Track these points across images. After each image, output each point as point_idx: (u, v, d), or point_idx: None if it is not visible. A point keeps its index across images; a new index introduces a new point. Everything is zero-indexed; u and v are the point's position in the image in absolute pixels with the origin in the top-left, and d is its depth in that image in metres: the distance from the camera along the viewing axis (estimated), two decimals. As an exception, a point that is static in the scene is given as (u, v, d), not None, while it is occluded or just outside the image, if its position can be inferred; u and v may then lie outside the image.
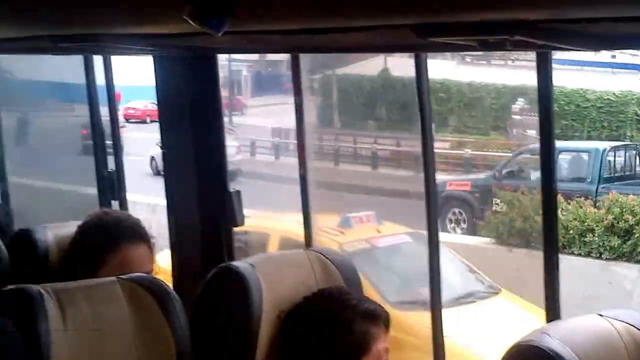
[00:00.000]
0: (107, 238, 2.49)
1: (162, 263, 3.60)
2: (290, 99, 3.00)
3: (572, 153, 12.33)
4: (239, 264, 2.25)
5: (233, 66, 20.21)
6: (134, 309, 2.02)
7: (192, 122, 2.99)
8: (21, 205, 4.03)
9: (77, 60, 3.65)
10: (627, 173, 12.32)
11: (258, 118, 19.73)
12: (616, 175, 12.11)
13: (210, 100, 3.04)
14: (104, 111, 3.61)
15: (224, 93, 3.10)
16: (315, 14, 1.86)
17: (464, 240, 10.94)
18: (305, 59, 3.02)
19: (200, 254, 2.94)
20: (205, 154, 2.97)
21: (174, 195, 3.01)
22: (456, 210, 12.08)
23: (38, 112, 4.75)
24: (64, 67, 4.08)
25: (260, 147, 17.89)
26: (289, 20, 2.02)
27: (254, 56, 19.95)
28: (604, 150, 12.17)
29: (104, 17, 2.32)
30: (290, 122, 3.24)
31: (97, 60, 3.62)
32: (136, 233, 2.53)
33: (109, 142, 3.57)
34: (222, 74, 3.16)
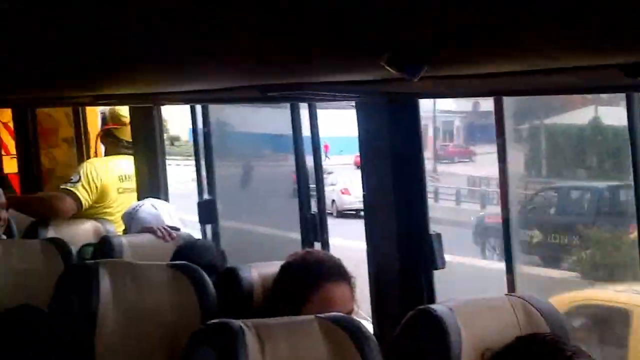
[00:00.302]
0: (309, 277, 2.55)
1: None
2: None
3: (579, 190, 12.55)
4: (438, 307, 2.23)
5: (445, 117, 20.32)
6: (331, 348, 2.05)
7: (393, 166, 3.03)
8: (230, 245, 4.23)
9: (288, 114, 3.81)
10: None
11: (463, 166, 19.63)
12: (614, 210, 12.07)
13: (410, 145, 3.06)
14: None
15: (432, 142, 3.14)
16: (517, 56, 1.84)
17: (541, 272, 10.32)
18: (510, 109, 3.01)
19: (400, 296, 2.95)
20: (406, 197, 2.99)
21: (374, 236, 3.04)
22: (492, 239, 12.56)
23: (251, 161, 4.97)
24: (276, 120, 4.26)
25: (446, 194, 17.82)
26: (489, 63, 2.01)
27: (467, 107, 20.00)
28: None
29: (308, 66, 2.41)
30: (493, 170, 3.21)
31: (304, 109, 3.75)
32: (338, 273, 2.58)
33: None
34: (432, 124, 3.20)
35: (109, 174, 4.78)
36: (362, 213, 3.17)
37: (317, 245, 3.55)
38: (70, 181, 4.72)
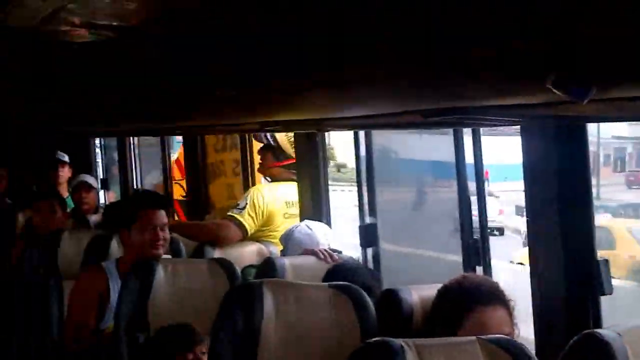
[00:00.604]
0: (465, 301, 2.54)
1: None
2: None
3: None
4: (604, 331, 2.17)
5: (617, 143, 19.84)
6: (492, 369, 2.03)
7: (559, 192, 2.97)
8: (390, 268, 4.25)
9: (450, 140, 3.81)
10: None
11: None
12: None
13: (578, 171, 3.00)
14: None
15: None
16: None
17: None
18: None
19: (565, 321, 2.88)
20: (572, 222, 2.93)
21: (538, 261, 2.99)
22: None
23: (413, 187, 4.98)
24: (438, 147, 4.27)
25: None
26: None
27: (642, 132, 19.40)
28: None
29: (470, 90, 2.40)
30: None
31: (467, 135, 3.74)
32: (494, 296, 2.56)
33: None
34: (597, 149, 3.12)
35: (276, 200, 4.86)
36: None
37: (479, 270, 3.53)
38: (237, 207, 4.82)
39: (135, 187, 7.93)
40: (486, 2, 1.62)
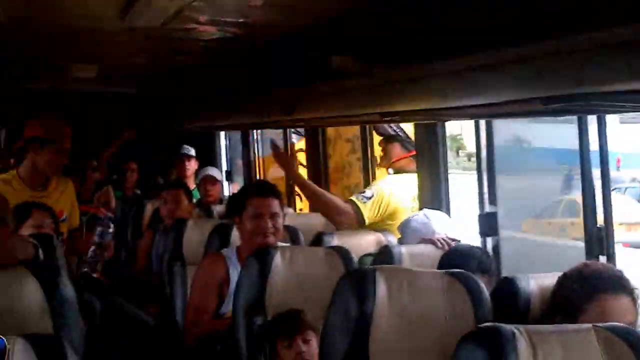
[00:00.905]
0: (584, 289, 2.49)
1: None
2: None
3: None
4: None
5: None
6: (609, 358, 1.98)
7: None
8: (509, 255, 4.18)
9: (571, 128, 3.74)
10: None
11: None
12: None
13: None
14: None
15: None
16: None
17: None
18: None
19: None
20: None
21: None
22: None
23: (536, 174, 4.90)
24: (561, 135, 4.21)
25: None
26: None
27: None
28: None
29: (593, 75, 2.34)
30: None
31: (592, 123, 3.66)
32: (616, 284, 2.49)
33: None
34: None
35: (403, 196, 4.80)
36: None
37: (602, 259, 3.44)
38: (363, 194, 4.79)
39: (258, 179, 8.05)
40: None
